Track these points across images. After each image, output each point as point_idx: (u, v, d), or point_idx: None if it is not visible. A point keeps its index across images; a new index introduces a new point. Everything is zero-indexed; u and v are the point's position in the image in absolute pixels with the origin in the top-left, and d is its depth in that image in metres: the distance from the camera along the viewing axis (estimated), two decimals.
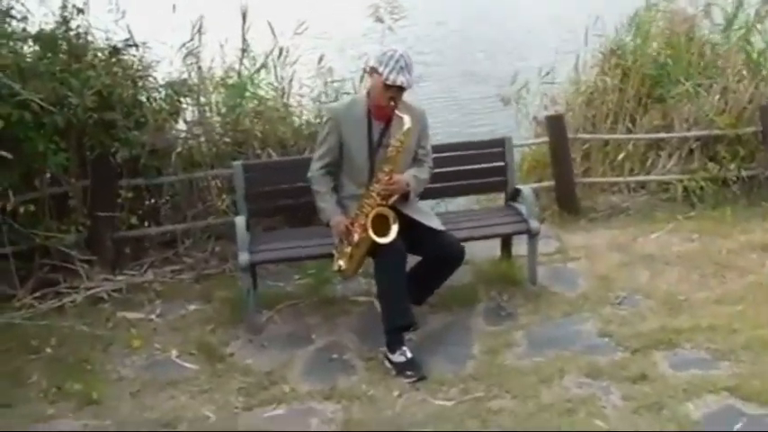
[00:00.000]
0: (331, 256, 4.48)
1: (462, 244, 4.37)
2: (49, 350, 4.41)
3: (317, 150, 4.42)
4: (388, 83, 4.10)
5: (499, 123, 7.75)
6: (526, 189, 4.83)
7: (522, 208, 4.84)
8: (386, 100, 4.17)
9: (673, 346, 4.01)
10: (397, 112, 4.17)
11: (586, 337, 4.22)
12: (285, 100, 5.94)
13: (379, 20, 5.86)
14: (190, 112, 5.84)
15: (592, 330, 4.29)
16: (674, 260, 5.06)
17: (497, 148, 5.01)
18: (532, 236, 4.72)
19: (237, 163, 4.88)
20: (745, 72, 6.33)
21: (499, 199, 6.21)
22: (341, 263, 4.31)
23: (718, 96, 6.12)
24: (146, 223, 5.74)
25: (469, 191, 5.32)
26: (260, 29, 6.07)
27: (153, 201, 5.81)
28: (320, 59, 5.99)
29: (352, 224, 4.22)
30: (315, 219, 5.49)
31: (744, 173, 5.99)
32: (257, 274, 4.82)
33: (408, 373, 3.98)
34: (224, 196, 5.70)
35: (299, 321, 4.70)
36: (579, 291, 4.78)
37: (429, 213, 4.47)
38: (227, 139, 5.63)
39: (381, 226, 4.12)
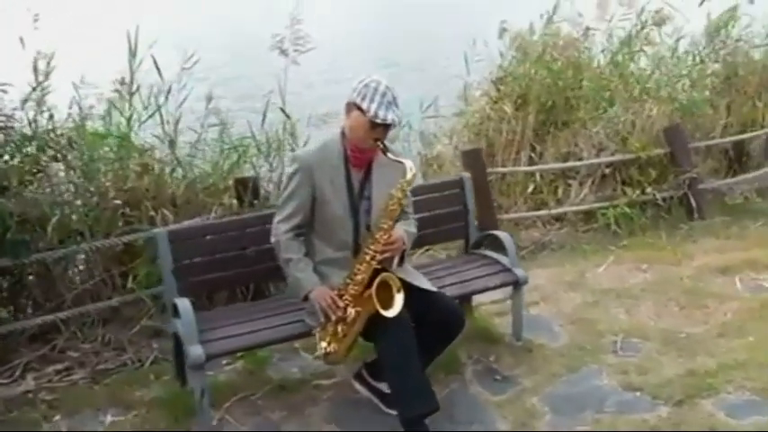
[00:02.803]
0: (302, 336, 3.71)
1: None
2: None
3: (283, 209, 3.58)
4: (377, 120, 3.38)
5: None
6: (504, 235, 4.29)
7: (495, 255, 4.32)
8: (370, 141, 3.46)
9: (715, 392, 3.65)
10: (390, 155, 3.47)
11: (613, 394, 3.75)
12: (173, 150, 4.95)
13: (283, 53, 5.07)
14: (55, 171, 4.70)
15: (613, 384, 3.83)
16: (639, 294, 4.77)
17: (454, 189, 4.44)
18: (518, 287, 4.21)
19: (161, 230, 3.87)
20: (636, 93, 6.30)
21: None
22: (324, 345, 3.51)
23: (623, 119, 6.02)
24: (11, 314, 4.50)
25: (425, 242, 4.66)
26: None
27: (18, 284, 4.57)
28: (209, 100, 5.07)
29: (340, 296, 3.45)
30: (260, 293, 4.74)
31: (658, 195, 5.92)
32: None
33: None
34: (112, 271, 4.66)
35: (258, 419, 3.79)
36: (565, 340, 4.32)
37: (415, 272, 3.79)
38: (117, 201, 4.55)
39: (382, 296, 3.39)
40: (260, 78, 5.29)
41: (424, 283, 3.68)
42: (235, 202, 4.87)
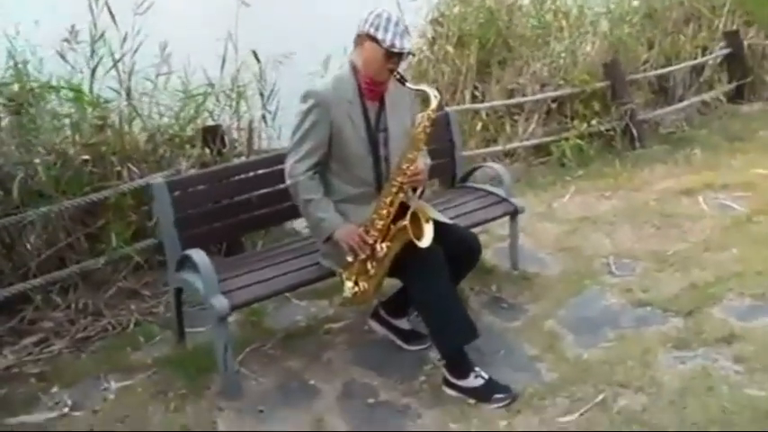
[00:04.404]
0: (325, 278, 3.61)
1: None
2: None
3: (298, 147, 3.41)
4: (394, 50, 3.28)
5: None
6: (498, 167, 4.31)
7: (487, 187, 4.35)
8: (386, 72, 3.37)
9: (719, 301, 3.82)
10: (409, 84, 3.39)
11: (625, 311, 3.87)
12: (130, 101, 4.61)
13: None
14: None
15: (622, 303, 3.95)
16: (612, 219, 4.93)
17: (439, 125, 4.38)
18: (515, 216, 4.25)
19: (159, 181, 3.63)
20: (567, 32, 6.45)
21: None
22: (351, 285, 3.42)
23: (564, 55, 6.15)
24: None
25: None
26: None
27: None
28: (164, 47, 4.75)
29: (366, 232, 3.36)
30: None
31: (602, 127, 6.12)
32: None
33: (498, 396, 3.25)
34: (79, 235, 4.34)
35: (277, 370, 3.66)
36: (558, 267, 4.41)
37: (429, 205, 3.74)
38: (85, 157, 4.21)
39: (411, 228, 3.32)
40: (215, 21, 4.99)
41: (437, 214, 3.64)
42: (201, 151, 4.63)
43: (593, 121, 6.05)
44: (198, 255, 3.40)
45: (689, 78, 7.13)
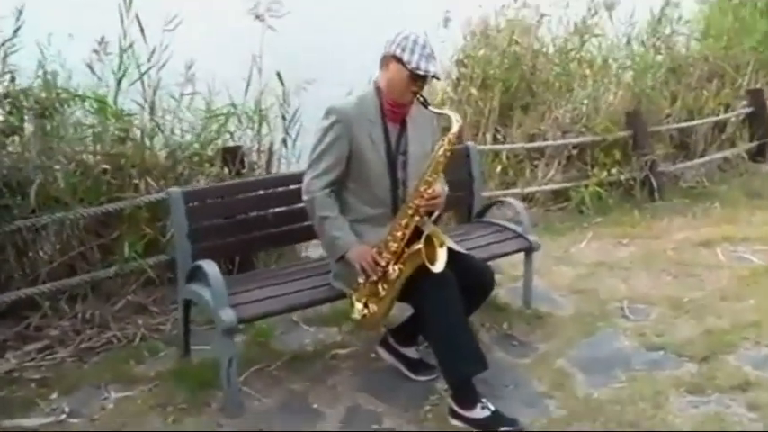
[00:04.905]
0: (335, 299, 3.58)
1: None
2: None
3: (317, 163, 3.41)
4: (420, 72, 3.29)
5: None
6: (515, 202, 4.29)
7: (503, 222, 4.31)
8: (409, 95, 3.37)
9: (735, 348, 3.74)
10: (431, 108, 3.40)
11: (637, 354, 3.78)
12: (153, 116, 4.64)
13: (259, 18, 4.86)
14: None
15: (635, 345, 3.87)
16: (629, 265, 4.87)
17: (460, 158, 4.38)
18: (530, 253, 4.20)
19: (175, 190, 3.63)
20: (592, 80, 6.48)
21: None
22: (360, 307, 3.38)
23: (587, 102, 6.18)
24: None
25: None
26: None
27: None
28: (189, 66, 4.79)
29: (379, 254, 3.32)
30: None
31: (622, 177, 6.10)
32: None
33: (504, 429, 3.14)
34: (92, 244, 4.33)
35: (281, 391, 3.60)
36: (571, 308, 4.34)
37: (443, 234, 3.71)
38: (105, 166, 4.23)
39: (425, 251, 3.28)
40: (240, 44, 5.05)
41: (453, 244, 3.60)
42: (219, 171, 4.64)
43: (614, 170, 6.05)
44: (209, 265, 3.38)
45: (711, 134, 7.14)
